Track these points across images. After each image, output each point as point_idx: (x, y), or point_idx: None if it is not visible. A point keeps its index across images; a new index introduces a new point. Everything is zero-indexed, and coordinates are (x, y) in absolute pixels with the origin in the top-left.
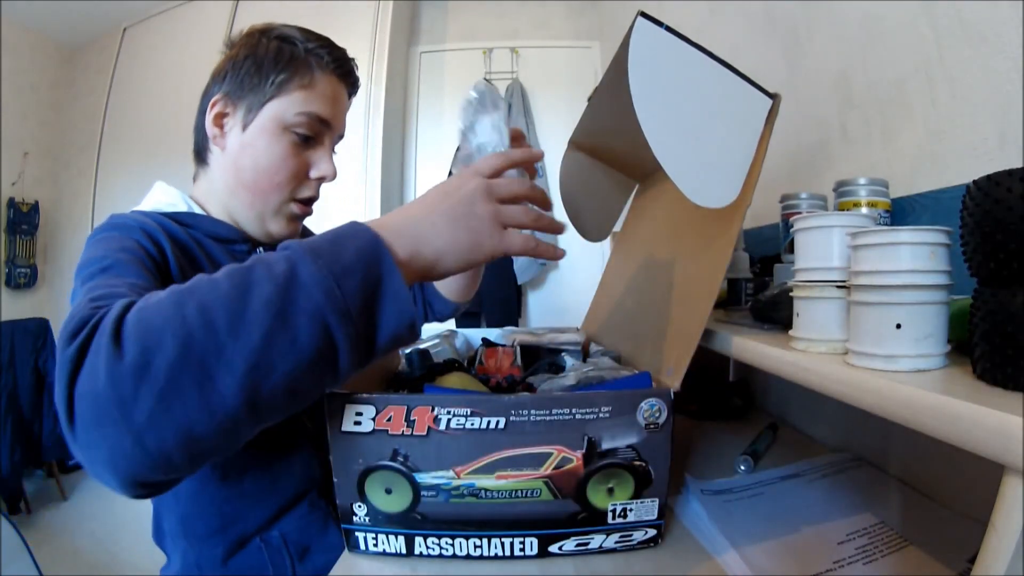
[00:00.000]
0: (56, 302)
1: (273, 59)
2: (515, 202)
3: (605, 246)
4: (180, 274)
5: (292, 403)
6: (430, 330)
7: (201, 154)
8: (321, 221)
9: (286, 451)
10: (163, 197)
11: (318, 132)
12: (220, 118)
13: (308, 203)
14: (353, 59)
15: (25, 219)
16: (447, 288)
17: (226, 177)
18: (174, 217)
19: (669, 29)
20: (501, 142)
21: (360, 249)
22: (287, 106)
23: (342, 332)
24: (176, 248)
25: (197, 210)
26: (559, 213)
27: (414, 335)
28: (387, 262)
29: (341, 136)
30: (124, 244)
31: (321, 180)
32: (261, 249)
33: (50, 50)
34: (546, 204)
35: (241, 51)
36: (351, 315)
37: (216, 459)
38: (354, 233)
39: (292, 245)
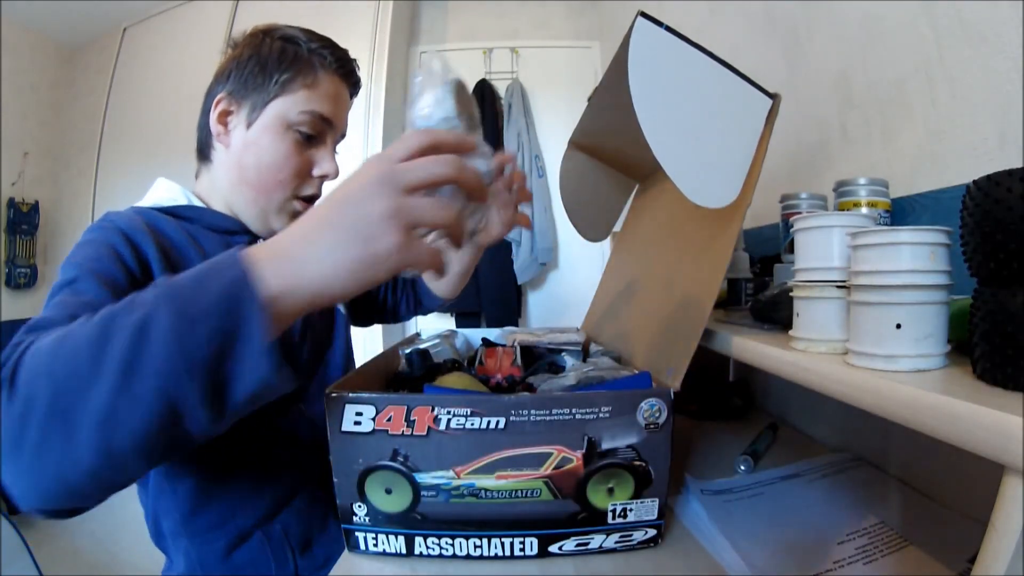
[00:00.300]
0: None
1: (277, 59)
2: (432, 189)
3: (605, 246)
4: (163, 261)
5: (154, 459)
6: (430, 330)
7: (204, 151)
8: None
9: (285, 443)
10: (164, 192)
11: (321, 131)
12: (224, 116)
13: (310, 200)
14: (355, 60)
15: (25, 219)
16: (431, 282)
17: (229, 174)
18: (173, 212)
19: (669, 29)
20: (446, 120)
21: (221, 290)
22: (291, 105)
23: (185, 391)
24: (163, 249)
25: (197, 203)
26: (559, 213)
27: (281, 390)
28: (248, 307)
29: (343, 135)
30: (99, 252)
31: (323, 178)
32: (261, 240)
33: (50, 50)
34: (481, 194)
35: (245, 51)
36: (195, 372)
37: (129, 483)
38: (224, 266)
39: (161, 284)
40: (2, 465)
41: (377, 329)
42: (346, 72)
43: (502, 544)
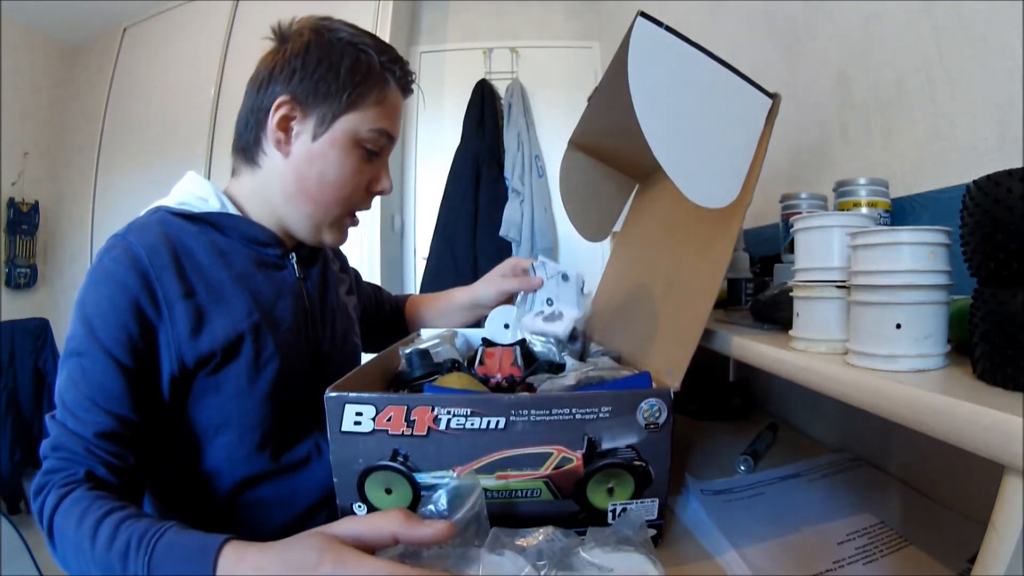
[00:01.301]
0: (56, 302)
1: (350, 68)
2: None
3: (605, 246)
4: (187, 307)
5: None
6: (430, 330)
7: (250, 153)
8: None
9: (304, 461)
10: (195, 190)
11: (383, 147)
12: (286, 121)
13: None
14: (414, 74)
15: (25, 219)
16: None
17: (284, 183)
18: (204, 218)
19: (669, 29)
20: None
21: None
22: (361, 121)
23: None
24: (183, 278)
25: (231, 208)
26: (560, 213)
27: None
28: None
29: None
30: (115, 306)
31: (380, 193)
32: (293, 255)
33: (50, 50)
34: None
35: (312, 52)
36: None
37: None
38: None
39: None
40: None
41: None
42: (407, 87)
43: None
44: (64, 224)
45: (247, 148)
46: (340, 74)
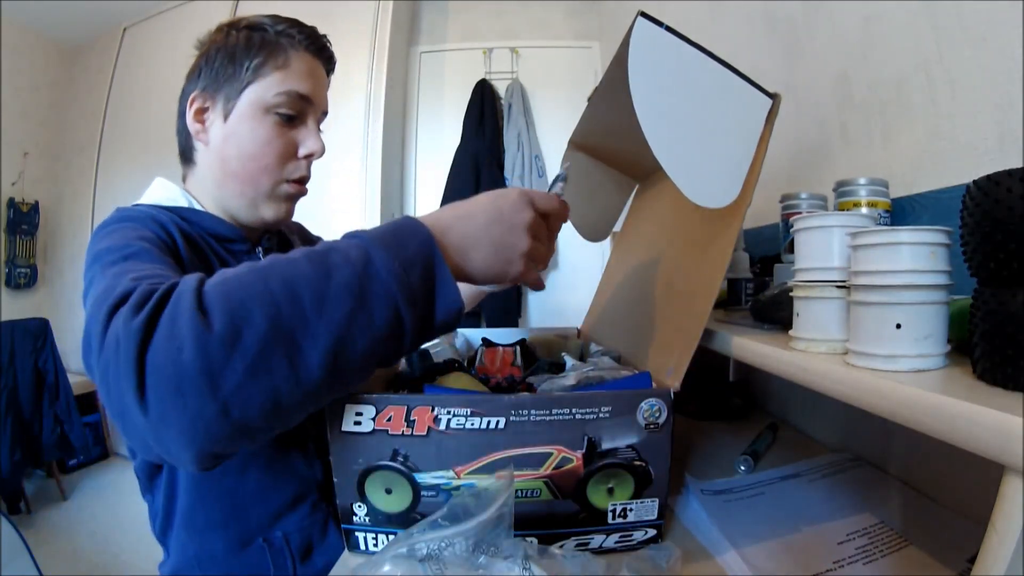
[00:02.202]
0: (56, 302)
1: (244, 47)
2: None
3: (605, 246)
4: (191, 267)
5: (366, 373)
6: None
7: (187, 154)
8: (323, 221)
9: (288, 450)
10: (163, 192)
11: (301, 110)
12: (200, 113)
13: (300, 182)
14: (325, 36)
15: (25, 219)
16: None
17: (213, 171)
18: (176, 212)
19: (669, 29)
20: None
21: (420, 245)
22: (265, 88)
23: (410, 315)
24: (185, 240)
25: (197, 206)
26: None
27: (459, 321)
28: (440, 260)
29: (325, 113)
30: (142, 233)
31: (310, 158)
32: (260, 250)
33: (50, 50)
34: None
35: (212, 47)
36: (417, 301)
37: (286, 429)
38: (412, 230)
39: (361, 235)
40: (179, 399)
41: None
42: (318, 48)
43: None
44: (64, 224)
45: (184, 151)
46: (236, 55)
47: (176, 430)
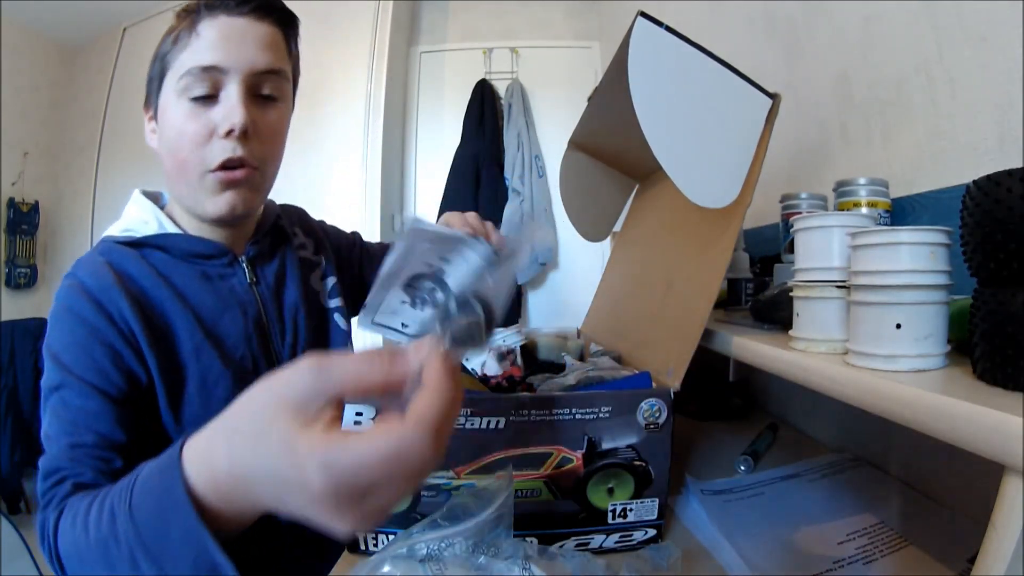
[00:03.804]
0: None
1: (161, 44)
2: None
3: (605, 246)
4: (143, 326)
5: None
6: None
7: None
8: (323, 219)
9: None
10: (136, 214)
11: (213, 82)
12: (149, 122)
13: (230, 167)
14: None
15: (25, 219)
16: None
17: (163, 171)
18: (143, 242)
19: (669, 29)
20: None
21: (183, 539)
22: (174, 74)
23: None
24: (135, 302)
25: (169, 226)
26: (559, 213)
27: None
28: (214, 555)
29: (270, 73)
30: (76, 338)
31: (230, 134)
32: (243, 259)
33: (50, 50)
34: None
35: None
36: None
37: None
38: (176, 510)
39: (124, 521)
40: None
41: None
42: (244, 5)
43: None
44: (64, 224)
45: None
46: (158, 49)
47: None
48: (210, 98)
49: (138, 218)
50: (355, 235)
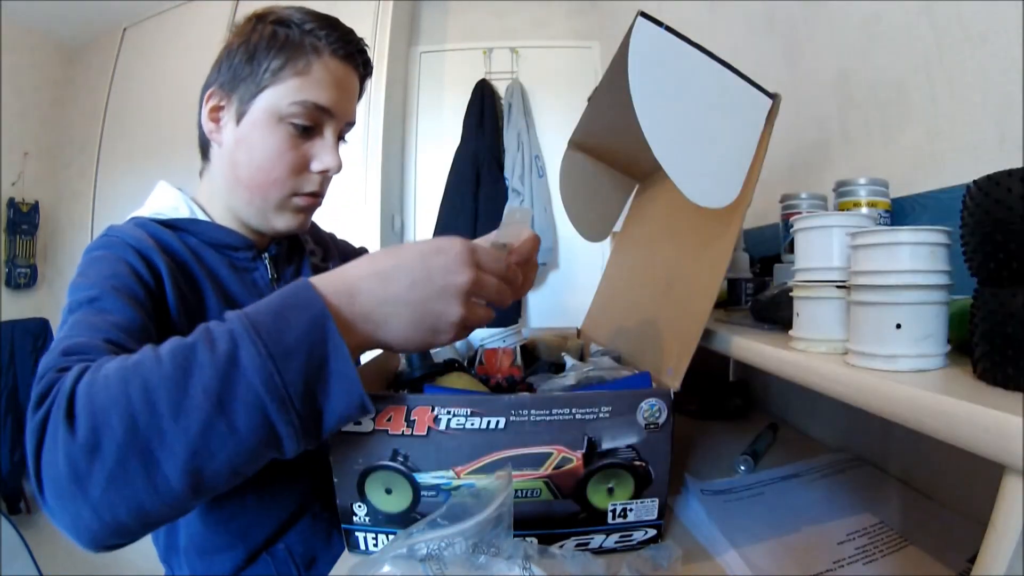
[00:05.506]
0: (56, 302)
1: (266, 45)
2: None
3: (605, 246)
4: (176, 293)
5: (242, 478)
6: None
7: (204, 150)
8: (323, 222)
9: (287, 464)
10: (165, 200)
11: (318, 121)
12: (216, 111)
13: (314, 196)
14: (362, 40)
15: (25, 219)
16: None
17: (225, 173)
18: (174, 224)
19: (669, 29)
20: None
21: (308, 325)
22: (282, 95)
23: (282, 420)
24: (173, 264)
25: (199, 214)
26: (559, 213)
27: (365, 412)
28: (333, 341)
29: (351, 124)
30: (116, 269)
31: (324, 173)
32: (267, 256)
33: (50, 50)
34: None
35: (236, 39)
36: (291, 403)
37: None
38: (303, 305)
39: (234, 319)
40: (59, 501)
41: None
42: (348, 54)
43: None
44: (64, 224)
45: (202, 146)
46: (256, 53)
47: (64, 524)
48: (308, 131)
49: (168, 204)
50: (363, 250)
